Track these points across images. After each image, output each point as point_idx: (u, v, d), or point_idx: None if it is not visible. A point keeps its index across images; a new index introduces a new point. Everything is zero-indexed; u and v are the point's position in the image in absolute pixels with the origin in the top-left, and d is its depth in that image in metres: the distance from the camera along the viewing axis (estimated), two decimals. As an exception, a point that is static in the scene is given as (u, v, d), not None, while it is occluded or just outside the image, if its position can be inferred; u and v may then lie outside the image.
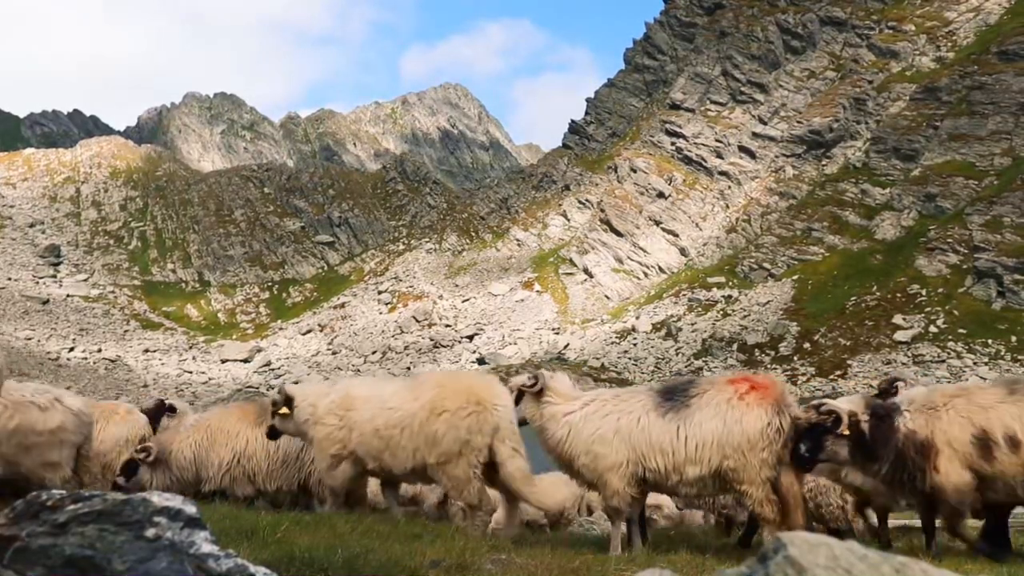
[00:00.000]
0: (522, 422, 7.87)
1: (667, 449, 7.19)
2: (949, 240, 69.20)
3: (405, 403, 7.89)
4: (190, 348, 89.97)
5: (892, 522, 12.28)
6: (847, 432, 6.99)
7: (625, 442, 7.32)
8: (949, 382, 46.21)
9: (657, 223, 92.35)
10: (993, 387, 7.25)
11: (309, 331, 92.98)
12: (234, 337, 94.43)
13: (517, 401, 7.86)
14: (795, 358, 65.66)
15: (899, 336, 63.37)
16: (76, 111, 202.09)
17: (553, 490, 9.65)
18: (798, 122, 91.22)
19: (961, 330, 61.87)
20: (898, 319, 65.09)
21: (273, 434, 9.02)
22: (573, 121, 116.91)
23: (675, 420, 7.21)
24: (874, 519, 10.27)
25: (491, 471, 7.76)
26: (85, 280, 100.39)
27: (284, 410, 8.60)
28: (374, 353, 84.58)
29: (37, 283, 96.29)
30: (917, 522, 11.76)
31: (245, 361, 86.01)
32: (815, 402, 7.31)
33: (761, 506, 7.02)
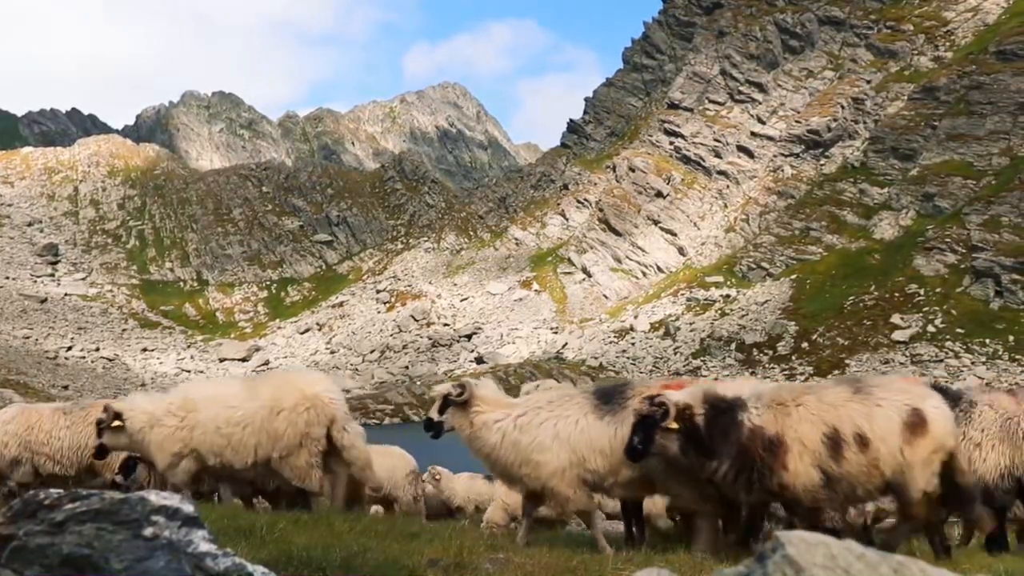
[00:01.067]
0: (450, 429, 7.98)
1: (606, 451, 7.23)
2: (947, 240, 69.28)
3: (245, 403, 8.32)
4: (188, 347, 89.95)
5: (891, 521, 12.29)
6: (675, 425, 6.76)
7: (565, 446, 7.33)
8: (947, 382, 46.33)
9: (655, 222, 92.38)
10: (840, 385, 7.13)
11: (307, 330, 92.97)
12: (232, 336, 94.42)
13: (442, 410, 7.91)
14: (793, 357, 65.72)
15: (897, 336, 63.43)
16: (74, 110, 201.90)
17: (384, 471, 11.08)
18: (796, 122, 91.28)
19: (959, 329, 61.95)
20: (896, 319, 65.15)
21: (102, 453, 9.09)
22: (572, 120, 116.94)
23: (613, 423, 7.23)
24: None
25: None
26: (83, 279, 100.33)
27: (116, 423, 8.72)
28: (372, 352, 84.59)
29: (35, 282, 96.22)
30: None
31: (243, 360, 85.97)
32: (650, 393, 7.11)
33: (693, 506, 7.09)
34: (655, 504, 11.61)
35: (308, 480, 8.26)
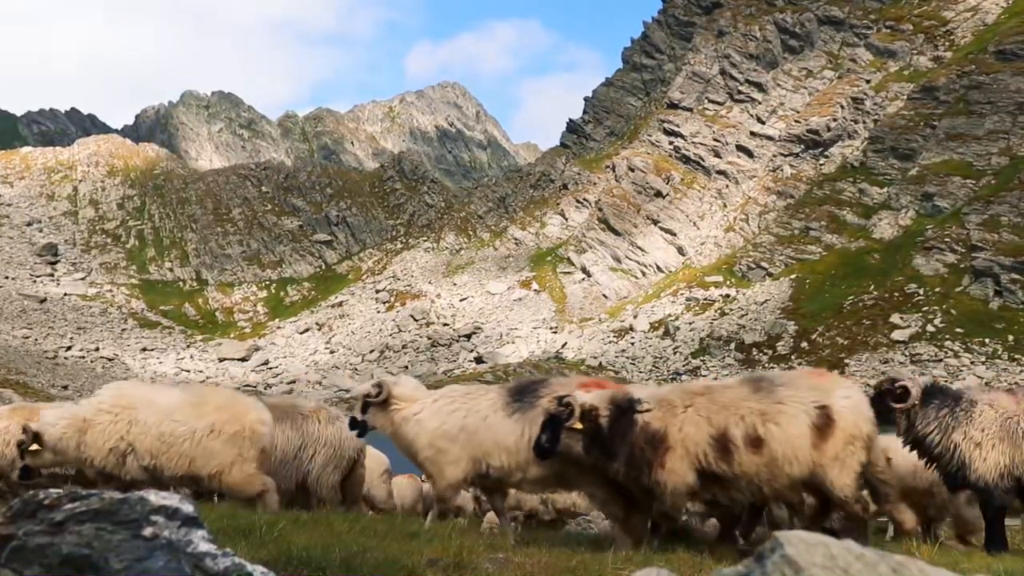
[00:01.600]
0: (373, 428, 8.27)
1: (512, 448, 7.28)
2: (947, 239, 69.30)
3: (191, 419, 8.63)
4: (188, 347, 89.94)
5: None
6: (580, 426, 6.80)
7: (470, 439, 7.42)
8: (947, 381, 46.33)
9: (655, 222, 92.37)
10: (738, 385, 7.10)
11: (307, 330, 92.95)
12: (232, 336, 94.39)
13: (364, 410, 8.11)
14: (793, 357, 65.71)
15: (896, 335, 63.44)
16: (74, 109, 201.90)
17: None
18: (796, 121, 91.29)
19: (958, 329, 61.95)
20: (895, 318, 65.16)
21: (26, 475, 9.05)
22: (571, 120, 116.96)
23: (521, 420, 7.27)
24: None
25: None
26: (82, 279, 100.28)
27: (34, 447, 8.74)
28: (372, 352, 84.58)
29: (34, 281, 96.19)
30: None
31: (243, 360, 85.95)
32: (560, 393, 7.13)
33: (605, 505, 7.09)
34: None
35: (248, 488, 8.66)
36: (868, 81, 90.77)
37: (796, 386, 6.90)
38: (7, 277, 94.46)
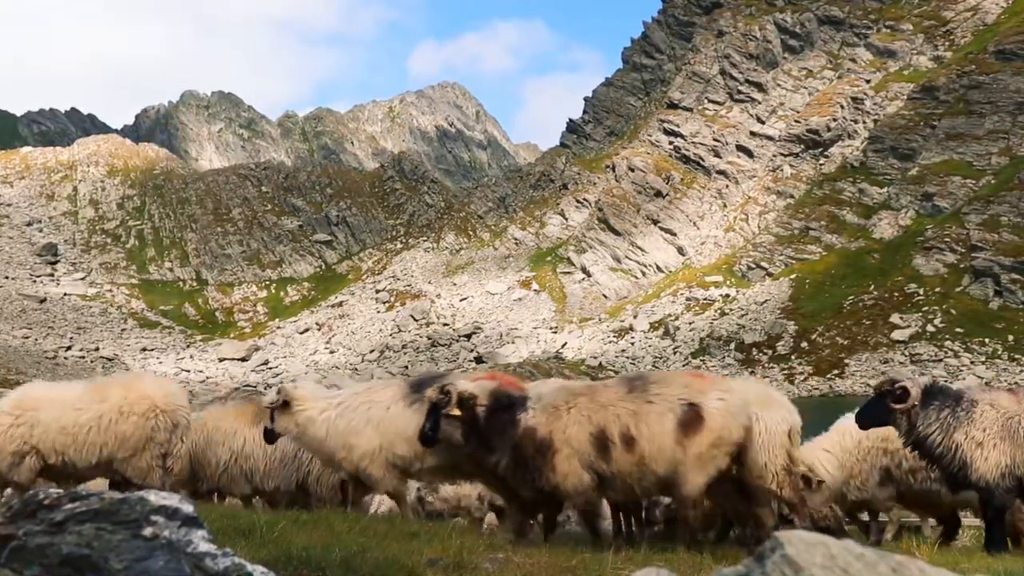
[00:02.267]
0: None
1: (411, 438, 7.43)
2: (946, 239, 69.31)
3: (93, 405, 8.58)
4: (188, 347, 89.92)
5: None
6: (457, 412, 6.92)
7: (376, 430, 7.65)
8: (947, 381, 46.28)
9: (655, 222, 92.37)
10: (615, 385, 7.18)
11: (307, 330, 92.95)
12: (232, 336, 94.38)
13: (272, 418, 8.38)
14: (793, 357, 65.73)
15: (896, 335, 63.45)
16: (73, 109, 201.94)
17: None
18: (796, 121, 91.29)
19: (958, 329, 61.96)
20: (895, 318, 65.17)
21: None
22: (571, 120, 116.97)
23: (420, 411, 7.39)
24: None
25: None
26: (82, 279, 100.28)
27: None
28: (372, 352, 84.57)
29: (34, 282, 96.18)
30: (914, 522, 11.78)
31: (243, 360, 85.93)
32: (442, 381, 7.28)
33: (502, 495, 7.26)
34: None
35: (150, 479, 8.58)
36: (868, 81, 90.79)
37: (668, 385, 6.99)
38: (7, 277, 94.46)
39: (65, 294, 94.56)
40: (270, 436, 8.54)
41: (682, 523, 7.35)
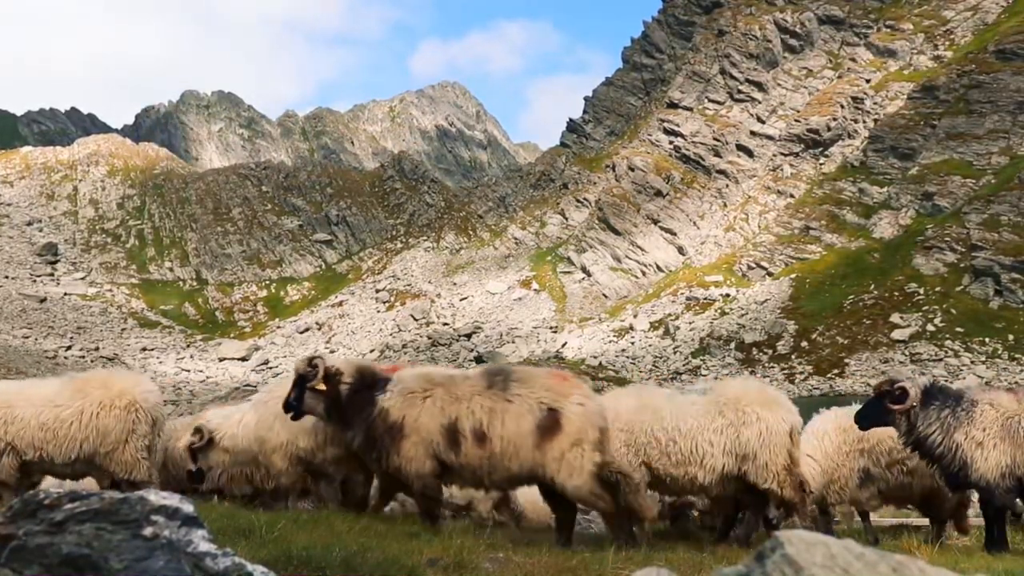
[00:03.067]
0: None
1: (310, 429, 7.69)
2: (947, 239, 69.30)
3: (74, 401, 8.64)
4: (188, 346, 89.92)
5: (889, 521, 12.31)
6: (323, 387, 7.03)
7: (283, 425, 7.80)
8: (947, 381, 46.28)
9: (655, 222, 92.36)
10: (476, 377, 7.21)
11: (307, 329, 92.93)
12: (232, 335, 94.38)
13: (196, 459, 8.77)
14: (793, 357, 65.72)
15: (896, 335, 63.44)
16: (73, 109, 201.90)
17: None
18: (796, 121, 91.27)
19: (958, 329, 61.96)
20: (895, 318, 65.17)
21: None
22: (571, 120, 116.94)
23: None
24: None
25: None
26: (82, 278, 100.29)
27: None
28: (372, 352, 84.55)
29: (34, 281, 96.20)
30: (914, 521, 11.79)
31: (243, 360, 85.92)
32: (312, 355, 7.42)
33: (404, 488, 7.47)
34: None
35: (136, 471, 8.67)
36: (868, 80, 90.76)
37: (530, 385, 6.99)
38: (7, 277, 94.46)
39: (65, 294, 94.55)
40: (199, 478, 8.59)
41: (605, 520, 7.45)
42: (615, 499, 7.16)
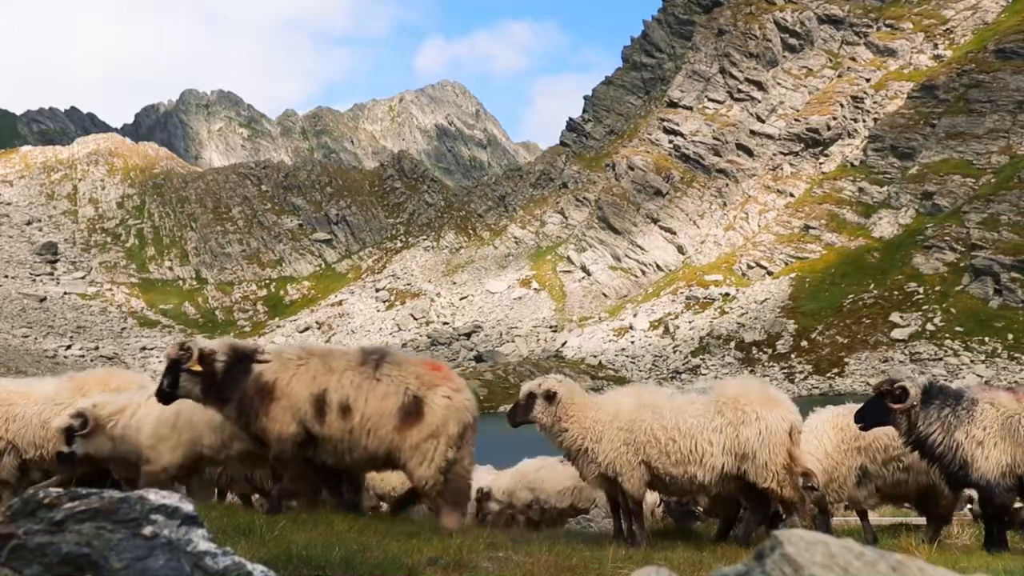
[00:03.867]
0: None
1: (217, 426, 7.72)
2: (946, 238, 69.30)
3: (74, 399, 8.59)
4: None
5: (890, 520, 12.32)
6: (198, 368, 7.06)
7: (187, 422, 7.87)
8: (947, 380, 46.26)
9: (655, 221, 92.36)
10: (352, 354, 7.33)
11: (307, 329, 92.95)
12: (232, 335, 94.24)
13: (70, 443, 8.37)
14: (792, 356, 65.73)
15: (896, 334, 63.45)
16: (73, 108, 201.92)
17: None
18: (796, 120, 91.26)
19: (958, 328, 61.96)
20: (895, 317, 65.18)
21: None
22: (571, 119, 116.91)
23: None
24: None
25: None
26: (82, 278, 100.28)
27: None
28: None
29: (34, 281, 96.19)
30: (913, 520, 11.79)
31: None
32: (183, 340, 7.48)
33: (294, 482, 7.51)
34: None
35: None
36: (868, 80, 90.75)
37: (401, 369, 7.12)
38: (7, 276, 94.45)
39: (65, 293, 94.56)
40: (68, 461, 8.08)
41: (431, 505, 7.53)
42: (454, 494, 7.25)
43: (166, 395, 7.19)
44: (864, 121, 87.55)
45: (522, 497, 12.32)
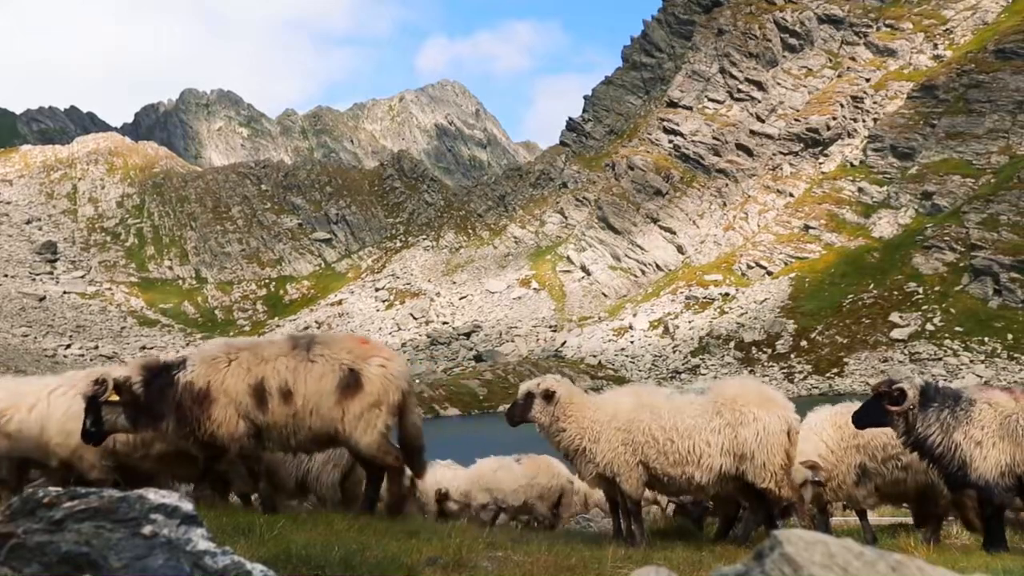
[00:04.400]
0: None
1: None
2: (946, 238, 69.31)
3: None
4: (187, 345, 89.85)
5: (889, 520, 12.32)
6: (116, 397, 7.02)
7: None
8: (946, 380, 46.35)
9: (654, 221, 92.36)
10: (281, 342, 7.41)
11: (306, 328, 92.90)
12: (231, 334, 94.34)
13: None
14: (792, 356, 65.74)
15: (896, 334, 63.47)
16: (73, 107, 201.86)
17: None
18: (796, 120, 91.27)
19: (958, 328, 61.98)
20: (895, 317, 65.19)
21: None
22: (571, 119, 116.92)
23: None
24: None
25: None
26: (82, 277, 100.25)
27: None
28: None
29: (34, 280, 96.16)
30: (912, 520, 11.80)
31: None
32: (96, 371, 7.39)
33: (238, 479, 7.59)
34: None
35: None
36: (868, 80, 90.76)
37: (332, 347, 7.23)
38: (6, 275, 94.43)
39: (64, 292, 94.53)
40: None
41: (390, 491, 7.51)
42: (398, 459, 7.35)
43: (92, 435, 7.06)
44: (864, 121, 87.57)
45: (479, 498, 12.43)
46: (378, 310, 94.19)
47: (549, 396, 7.86)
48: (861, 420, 8.31)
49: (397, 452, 7.32)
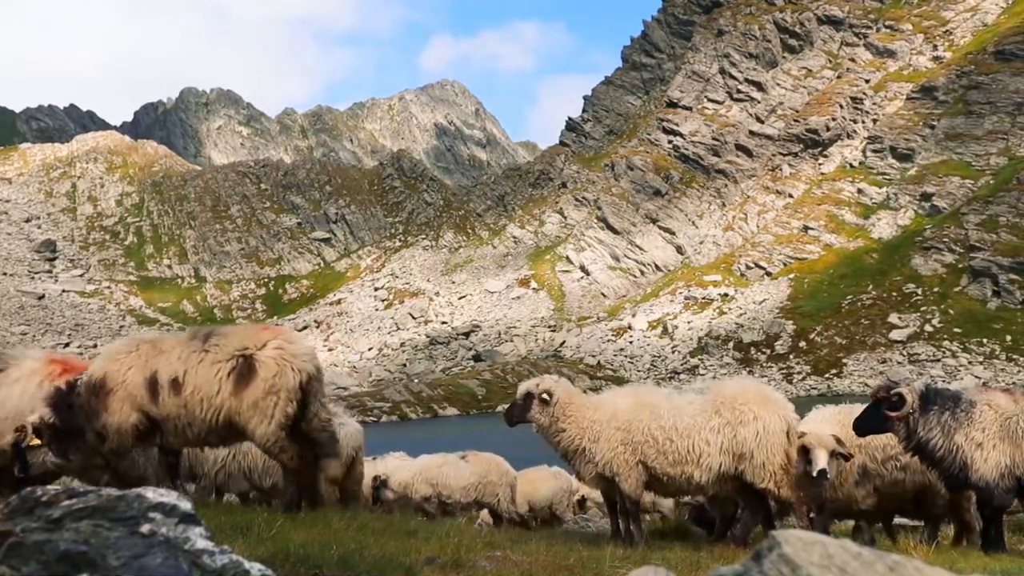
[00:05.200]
0: None
1: None
2: (945, 239, 69.34)
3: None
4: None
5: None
6: (37, 441, 7.07)
7: (15, 408, 7.79)
8: (945, 381, 46.37)
9: (654, 221, 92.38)
10: (182, 335, 7.44)
11: (305, 327, 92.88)
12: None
13: None
14: (791, 356, 65.75)
15: (895, 335, 63.49)
16: (72, 106, 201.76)
17: None
18: (795, 120, 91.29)
19: (956, 329, 62.01)
20: (894, 318, 65.21)
21: None
22: (570, 119, 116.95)
23: None
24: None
25: None
26: (81, 275, 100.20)
27: None
28: (370, 350, 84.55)
29: (33, 278, 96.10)
30: (910, 521, 11.79)
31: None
32: (16, 424, 7.33)
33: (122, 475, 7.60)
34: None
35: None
36: (867, 81, 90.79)
37: (228, 337, 7.19)
38: (5, 273, 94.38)
39: (63, 291, 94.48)
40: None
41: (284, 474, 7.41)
42: (302, 458, 7.18)
43: (25, 482, 6.93)
44: (863, 122, 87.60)
45: (420, 491, 12.58)
46: (377, 309, 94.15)
47: (548, 396, 7.85)
48: (862, 428, 8.30)
49: (294, 451, 7.08)
